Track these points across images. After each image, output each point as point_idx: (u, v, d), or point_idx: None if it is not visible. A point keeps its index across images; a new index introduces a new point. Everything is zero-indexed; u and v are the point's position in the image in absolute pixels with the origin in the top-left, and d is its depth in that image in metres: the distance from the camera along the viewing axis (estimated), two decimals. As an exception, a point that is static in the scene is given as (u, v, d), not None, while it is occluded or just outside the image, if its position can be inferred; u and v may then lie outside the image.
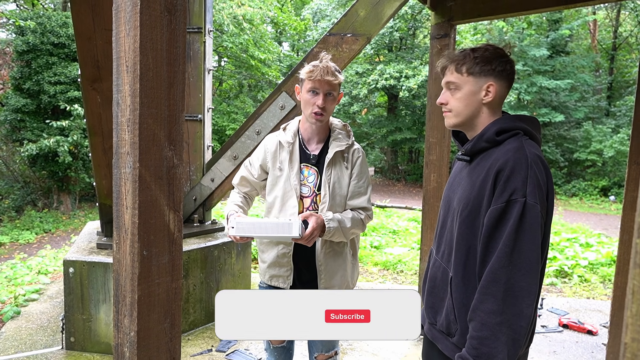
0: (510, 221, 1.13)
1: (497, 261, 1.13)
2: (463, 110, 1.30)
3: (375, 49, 18.49)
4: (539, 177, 1.16)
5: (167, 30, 0.95)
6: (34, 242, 9.71)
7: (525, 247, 1.12)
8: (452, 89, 1.31)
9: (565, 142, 17.50)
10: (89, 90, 2.63)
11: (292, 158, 1.74)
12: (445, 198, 1.40)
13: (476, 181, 1.24)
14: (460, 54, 1.30)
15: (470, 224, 1.22)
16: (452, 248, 1.29)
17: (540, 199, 1.14)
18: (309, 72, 1.65)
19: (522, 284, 1.12)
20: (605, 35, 20.69)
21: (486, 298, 1.13)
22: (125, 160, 0.96)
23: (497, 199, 1.16)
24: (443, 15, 3.11)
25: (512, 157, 1.17)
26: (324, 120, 1.71)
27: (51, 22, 11.58)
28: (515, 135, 1.24)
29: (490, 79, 1.26)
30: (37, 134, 11.55)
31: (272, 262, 1.79)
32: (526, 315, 1.12)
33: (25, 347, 3.06)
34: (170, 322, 1.04)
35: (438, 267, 1.35)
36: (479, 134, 1.29)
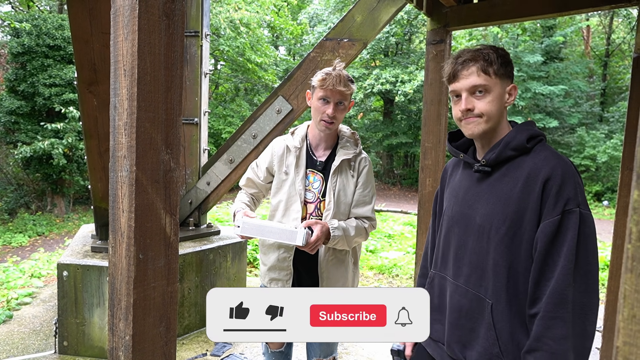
0: (569, 234, 1.04)
1: (562, 279, 1.02)
2: (495, 115, 1.18)
3: (371, 53, 18.58)
4: (582, 185, 1.11)
5: (165, 35, 0.96)
6: (27, 245, 9.62)
7: (588, 260, 1.05)
8: (480, 93, 1.18)
9: (559, 147, 17.63)
10: (85, 93, 2.62)
11: (299, 163, 1.75)
12: (457, 215, 1.25)
13: (510, 194, 1.12)
14: (480, 55, 1.18)
15: (510, 243, 1.11)
16: (485, 271, 1.15)
17: (588, 206, 1.10)
18: (321, 79, 1.64)
19: (587, 300, 1.04)
20: (598, 42, 20.93)
21: (554, 323, 1.02)
22: (122, 164, 0.96)
23: (550, 211, 1.06)
24: (439, 21, 3.14)
25: (558, 164, 1.09)
26: (333, 129, 1.71)
27: (47, 25, 11.55)
28: (540, 141, 1.18)
29: (510, 80, 1.21)
30: (31, 136, 11.48)
31: (272, 265, 1.79)
32: (591, 334, 1.05)
33: (17, 351, 3.03)
34: (165, 326, 1.04)
35: (463, 295, 1.19)
36: (503, 142, 1.17)
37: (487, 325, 1.13)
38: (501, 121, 1.21)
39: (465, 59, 1.19)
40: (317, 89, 1.67)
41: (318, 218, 1.75)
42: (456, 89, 1.21)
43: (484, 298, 1.15)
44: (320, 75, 1.65)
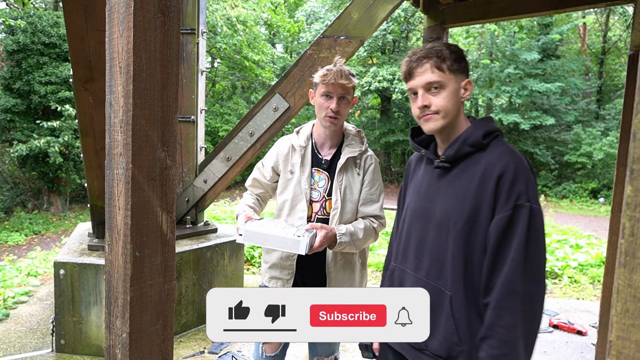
0: (519, 228, 1.08)
1: (512, 271, 1.07)
2: (451, 110, 1.21)
3: (368, 51, 18.56)
4: (535, 180, 1.15)
5: (160, 32, 0.95)
6: (23, 243, 9.59)
7: (537, 253, 1.10)
8: (436, 89, 1.20)
9: (555, 144, 17.71)
10: (80, 90, 2.61)
11: (304, 162, 1.74)
12: (419, 209, 1.28)
13: (467, 189, 1.16)
14: (433, 52, 1.20)
15: (467, 237, 1.15)
16: (444, 264, 1.19)
17: (539, 201, 1.13)
18: (322, 75, 1.64)
19: (536, 289, 1.09)
20: (594, 39, 20.99)
21: (504, 313, 1.08)
22: (118, 162, 0.96)
23: (502, 206, 1.10)
24: (436, 19, 3.14)
25: (511, 160, 1.13)
26: (338, 124, 1.70)
27: (42, 22, 11.48)
28: (496, 137, 1.21)
29: (465, 76, 1.23)
30: (27, 134, 11.42)
31: (274, 263, 1.77)
32: (538, 320, 1.11)
33: (14, 350, 3.02)
34: (162, 324, 1.03)
35: (424, 287, 1.19)
36: (461, 138, 1.20)
37: (447, 315, 1.17)
38: (458, 116, 1.24)
39: (419, 57, 1.22)
40: (319, 85, 1.67)
41: (325, 217, 1.73)
42: (412, 87, 1.24)
43: (444, 290, 1.18)
44: (321, 72, 1.66)
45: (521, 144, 17.72)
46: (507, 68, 16.44)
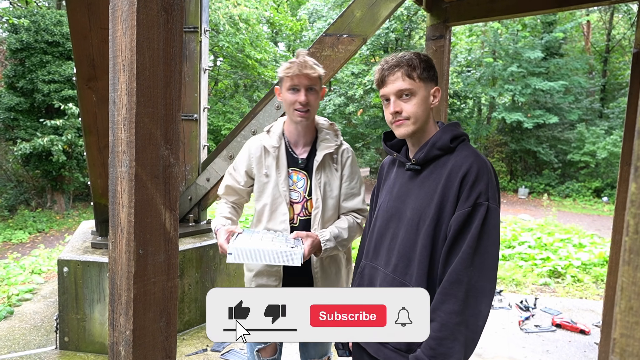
0: (474, 224, 1.15)
1: (461, 262, 1.14)
2: (421, 116, 1.28)
3: (371, 49, 18.53)
4: (497, 182, 1.22)
5: (163, 30, 0.95)
6: (27, 241, 9.64)
7: (488, 249, 1.15)
8: (407, 96, 1.27)
9: (559, 143, 17.63)
10: (84, 89, 2.62)
11: (279, 164, 1.67)
12: (392, 209, 1.34)
13: (435, 190, 1.23)
14: (404, 61, 1.27)
15: (433, 234, 1.21)
16: (411, 260, 1.25)
17: (499, 202, 1.20)
18: (286, 69, 1.58)
19: (483, 284, 1.14)
20: (598, 37, 20.88)
21: (447, 299, 1.14)
22: (122, 159, 0.96)
23: (462, 203, 1.17)
24: (439, 17, 3.13)
25: (475, 162, 1.20)
26: (309, 118, 1.63)
27: (45, 21, 11.50)
28: (462, 141, 1.29)
29: (434, 84, 1.30)
30: (30, 132, 11.47)
31: (260, 271, 1.71)
32: (484, 315, 1.15)
33: (18, 347, 3.04)
34: (166, 321, 1.04)
35: (391, 282, 1.29)
36: (430, 142, 1.27)
37: None
38: (428, 121, 1.31)
39: (390, 65, 1.29)
40: (284, 79, 1.61)
41: (307, 218, 1.68)
42: (385, 94, 1.31)
43: (408, 285, 1.25)
44: (285, 65, 1.60)
45: (524, 143, 17.67)
46: (510, 66, 16.38)
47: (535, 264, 5.65)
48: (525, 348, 3.32)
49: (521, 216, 10.66)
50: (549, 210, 11.73)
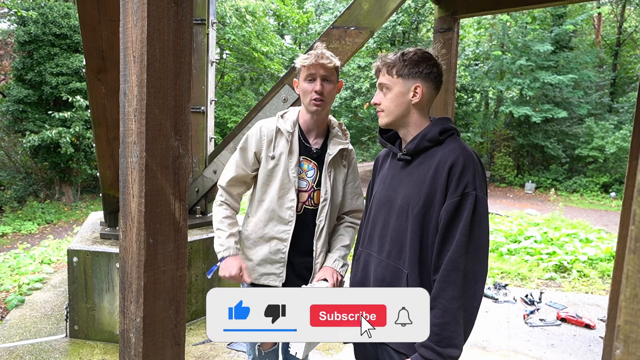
0: (465, 213, 1.21)
1: (456, 250, 1.20)
2: (394, 110, 1.36)
3: (378, 42, 18.39)
4: (483, 173, 1.29)
5: (173, 21, 0.96)
6: (36, 232, 9.77)
7: (479, 235, 1.23)
8: (384, 90, 1.38)
9: (567, 138, 17.46)
10: (93, 81, 2.64)
11: (292, 149, 1.67)
12: (384, 198, 1.41)
13: (424, 179, 1.29)
14: (392, 57, 1.37)
15: (422, 221, 1.28)
16: (404, 246, 1.31)
17: (486, 191, 1.28)
18: (303, 59, 1.63)
19: (477, 268, 1.22)
20: (609, 30, 20.55)
21: (447, 286, 1.20)
22: (132, 150, 0.98)
23: (452, 193, 1.24)
24: (447, 9, 3.11)
25: (461, 154, 1.26)
26: (325, 108, 1.65)
27: (53, 13, 11.55)
28: (452, 135, 1.35)
29: (418, 80, 1.34)
30: (39, 125, 11.57)
31: (263, 259, 1.71)
32: (479, 296, 1.23)
33: (29, 334, 3.10)
34: (175, 309, 1.06)
35: (385, 267, 1.35)
36: (421, 134, 1.34)
37: None
38: (407, 115, 1.37)
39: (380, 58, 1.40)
40: (301, 70, 1.65)
41: (312, 208, 1.71)
42: (377, 85, 1.43)
43: (402, 269, 1.31)
44: (302, 56, 1.65)
45: (532, 137, 17.51)
46: (519, 60, 16.18)
47: (541, 259, 5.63)
48: (530, 342, 3.33)
49: (527, 211, 10.61)
50: (556, 205, 11.65)
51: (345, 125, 1.84)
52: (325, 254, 1.76)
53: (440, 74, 1.38)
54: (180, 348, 1.08)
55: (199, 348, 2.99)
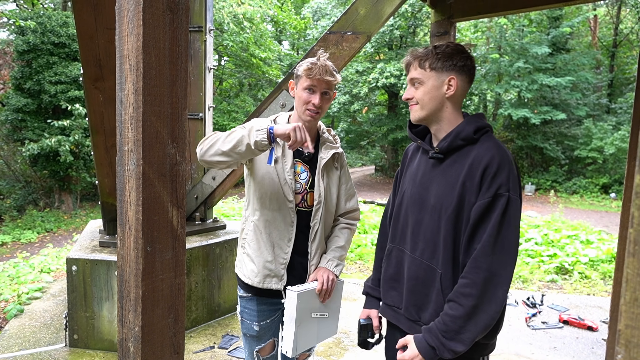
0: (494, 214, 1.20)
1: (481, 250, 1.20)
2: (428, 103, 1.33)
3: (375, 47, 18.47)
4: (518, 174, 1.27)
5: (169, 29, 0.96)
6: (35, 241, 9.74)
7: (508, 238, 1.20)
8: (417, 84, 1.35)
9: (566, 139, 17.49)
10: (91, 89, 2.64)
11: (285, 152, 1.69)
12: (415, 195, 1.40)
13: (457, 178, 1.28)
14: (423, 51, 1.35)
15: (455, 220, 1.27)
16: (437, 245, 1.31)
17: (519, 194, 1.25)
18: (307, 69, 1.61)
19: (501, 272, 1.20)
20: (605, 32, 20.66)
21: (466, 282, 1.21)
22: (129, 158, 0.97)
23: (484, 193, 1.22)
24: (443, 13, 3.12)
25: (497, 154, 1.24)
26: (317, 119, 1.70)
27: (51, 22, 11.60)
28: (486, 132, 1.32)
29: (452, 73, 1.32)
30: (38, 133, 11.58)
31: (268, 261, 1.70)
32: (499, 301, 1.20)
33: (29, 344, 3.08)
34: (174, 317, 1.05)
35: (419, 266, 1.36)
36: (454, 133, 1.31)
37: (437, 291, 1.31)
38: (442, 109, 1.34)
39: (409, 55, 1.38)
40: (302, 78, 1.64)
41: (306, 210, 1.71)
42: (407, 81, 1.42)
43: (436, 268, 1.31)
44: (305, 65, 1.62)
45: (530, 139, 17.54)
46: (517, 62, 16.25)
47: (542, 261, 5.62)
48: (532, 345, 3.31)
49: (528, 213, 10.59)
50: (556, 207, 11.65)
51: (344, 129, 1.83)
52: (321, 255, 1.77)
53: (473, 67, 1.35)
54: (179, 356, 1.07)
55: (199, 356, 2.97)
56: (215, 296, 3.50)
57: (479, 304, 1.19)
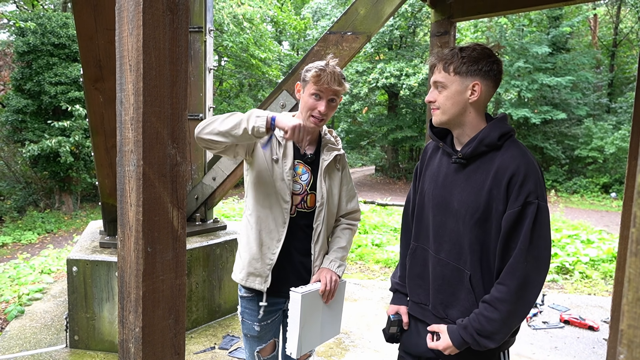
0: (526, 222, 1.23)
1: (515, 258, 1.23)
2: (450, 109, 1.33)
3: (375, 47, 18.48)
4: (543, 179, 1.28)
5: (169, 30, 0.96)
6: (36, 242, 9.74)
7: (540, 244, 1.24)
8: (440, 88, 1.34)
9: (566, 139, 17.48)
10: (91, 90, 2.64)
11: (286, 152, 1.69)
12: (438, 198, 1.40)
13: (482, 186, 1.29)
14: (448, 53, 1.32)
15: (482, 226, 1.30)
16: (463, 248, 1.33)
17: (546, 199, 1.28)
18: (315, 76, 1.59)
19: (534, 277, 1.24)
20: (605, 31, 20.65)
21: (502, 288, 1.25)
22: (129, 158, 0.97)
23: (512, 202, 1.24)
24: (443, 13, 3.12)
25: (522, 162, 1.25)
26: (322, 125, 1.70)
27: (51, 23, 11.60)
28: (510, 137, 1.32)
29: (477, 78, 1.29)
30: (38, 134, 11.58)
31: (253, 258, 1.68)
32: (531, 304, 1.26)
33: (29, 345, 3.08)
34: (174, 318, 1.05)
35: (445, 266, 1.38)
36: (478, 139, 1.30)
37: (467, 290, 1.34)
38: (464, 114, 1.33)
39: (434, 58, 1.37)
40: (309, 83, 1.62)
41: (306, 211, 1.71)
42: (431, 82, 1.40)
43: (463, 269, 1.34)
44: (314, 71, 1.60)
45: (531, 139, 17.53)
46: (517, 62, 16.25)
47: (543, 261, 5.61)
48: (534, 344, 3.30)
49: (528, 213, 10.58)
50: (557, 207, 11.64)
51: (344, 129, 1.82)
52: (324, 256, 1.78)
53: (500, 71, 1.33)
54: (180, 357, 1.07)
55: (200, 356, 2.97)
56: (216, 297, 3.50)
57: (513, 309, 1.24)
